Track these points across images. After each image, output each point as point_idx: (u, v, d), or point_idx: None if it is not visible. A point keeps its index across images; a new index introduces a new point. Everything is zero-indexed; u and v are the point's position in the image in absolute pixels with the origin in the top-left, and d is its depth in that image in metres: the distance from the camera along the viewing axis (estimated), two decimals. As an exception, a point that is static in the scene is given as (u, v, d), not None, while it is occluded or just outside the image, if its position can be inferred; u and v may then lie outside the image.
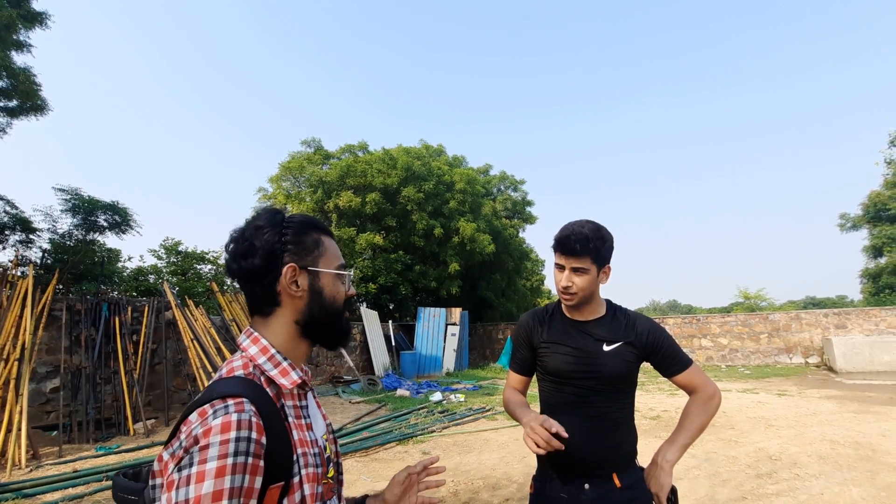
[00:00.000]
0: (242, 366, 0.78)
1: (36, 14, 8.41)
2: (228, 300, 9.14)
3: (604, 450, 1.34)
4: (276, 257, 0.81)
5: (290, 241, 0.83)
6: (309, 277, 0.84)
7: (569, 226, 1.38)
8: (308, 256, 0.84)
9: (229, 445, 0.64)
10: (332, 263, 0.87)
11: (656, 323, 1.44)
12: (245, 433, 0.66)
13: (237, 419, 0.66)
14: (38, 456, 4.98)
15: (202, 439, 0.64)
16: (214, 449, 0.63)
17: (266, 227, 0.82)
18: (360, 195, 16.43)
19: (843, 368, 11.26)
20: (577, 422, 1.35)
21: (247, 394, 0.71)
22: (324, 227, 0.90)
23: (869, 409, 6.87)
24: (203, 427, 0.66)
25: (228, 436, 0.65)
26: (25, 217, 8.38)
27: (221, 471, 0.62)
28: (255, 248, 0.80)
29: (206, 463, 0.63)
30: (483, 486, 4.06)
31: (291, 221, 0.85)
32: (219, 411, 0.67)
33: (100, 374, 6.45)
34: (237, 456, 0.64)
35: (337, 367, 12.54)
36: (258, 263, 0.80)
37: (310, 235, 0.85)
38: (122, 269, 11.35)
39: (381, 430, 6.16)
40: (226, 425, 0.65)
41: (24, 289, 6.02)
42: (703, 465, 4.44)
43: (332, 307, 0.86)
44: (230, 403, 0.68)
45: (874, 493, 3.60)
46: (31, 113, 8.69)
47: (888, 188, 18.57)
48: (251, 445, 0.66)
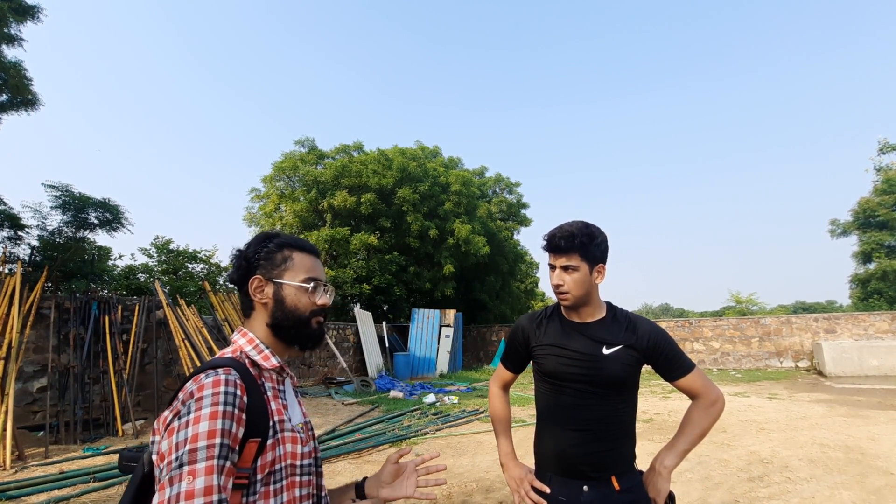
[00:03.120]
0: (232, 351, 0.94)
1: (28, 7, 8.30)
2: (221, 300, 9.05)
3: (602, 453, 1.33)
4: (250, 270, 0.99)
5: (262, 257, 0.99)
6: (274, 287, 0.98)
7: (558, 226, 1.39)
8: (274, 270, 0.99)
9: (220, 396, 0.77)
10: (298, 276, 0.99)
11: (658, 326, 1.42)
12: (232, 389, 0.79)
13: (225, 378, 0.80)
14: (23, 457, 4.89)
15: (197, 393, 0.78)
16: (208, 399, 0.77)
17: (251, 245, 1.01)
18: (354, 195, 16.38)
19: (832, 372, 11.37)
20: (576, 424, 1.35)
21: (233, 365, 0.85)
22: (303, 246, 1.03)
23: (858, 412, 6.94)
24: (196, 385, 0.79)
25: (219, 389, 0.78)
26: (14, 213, 8.24)
27: (214, 415, 0.75)
28: (239, 263, 1.00)
29: (202, 409, 0.76)
30: (477, 489, 4.04)
31: (271, 242, 1.01)
32: (209, 374, 0.81)
33: (88, 373, 6.35)
34: (226, 405, 0.77)
35: (330, 369, 12.46)
36: (237, 275, 1.00)
37: (281, 253, 1.00)
38: (112, 267, 11.21)
39: (373, 432, 6.11)
40: (216, 382, 0.79)
41: (12, 286, 5.92)
42: (695, 468, 4.45)
43: (293, 314, 0.98)
44: (219, 369, 0.83)
45: (864, 497, 3.62)
46: (22, 108, 8.56)
47: (877, 195, 18.81)
48: (237, 400, 0.79)
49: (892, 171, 19.02)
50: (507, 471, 1.48)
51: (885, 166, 19.58)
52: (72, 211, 8.40)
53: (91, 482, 4.09)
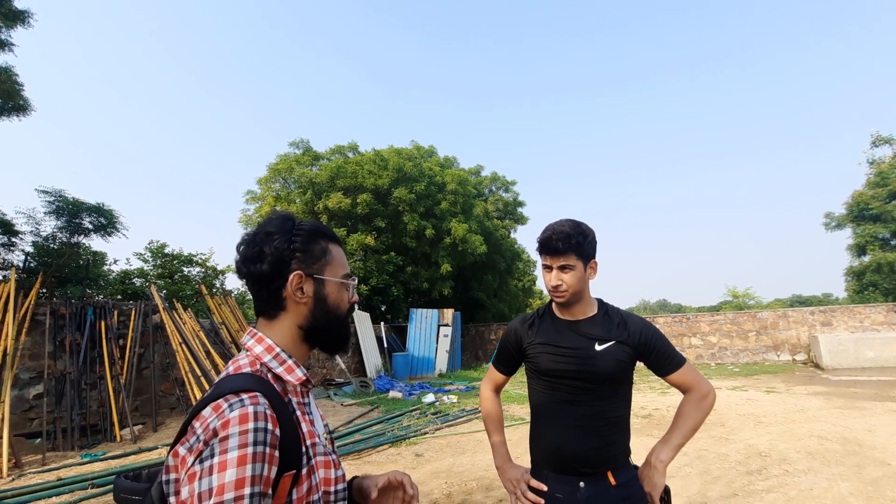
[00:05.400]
0: (249, 363, 0.80)
1: (18, 12, 8.23)
2: (218, 303, 9.01)
3: (598, 448, 1.34)
4: (283, 264, 0.83)
5: (298, 248, 0.84)
6: (315, 285, 0.86)
7: (549, 227, 1.40)
8: (315, 264, 0.86)
9: (248, 436, 0.66)
10: (338, 272, 0.89)
11: (649, 322, 1.44)
12: (262, 424, 0.68)
13: (254, 411, 0.68)
14: (20, 464, 4.86)
15: (221, 431, 0.66)
16: (234, 439, 0.65)
17: (276, 234, 0.84)
18: (350, 196, 16.34)
19: (829, 365, 11.44)
20: (571, 421, 1.36)
21: (258, 388, 0.73)
22: (332, 236, 0.92)
23: (854, 404, 6.98)
24: (220, 420, 0.67)
25: (247, 426, 0.66)
26: (7, 220, 8.19)
27: (243, 459, 0.64)
28: (265, 254, 0.83)
29: (228, 453, 0.64)
30: (477, 488, 4.04)
31: (301, 229, 0.87)
32: (234, 404, 0.68)
33: (85, 379, 6.32)
34: (256, 445, 0.66)
35: (329, 370, 12.44)
36: (266, 269, 0.82)
37: (318, 244, 0.87)
38: (107, 272, 11.15)
39: (373, 433, 6.11)
40: (244, 417, 0.67)
41: (6, 293, 5.88)
42: (694, 462, 4.47)
43: (335, 314, 0.88)
44: (244, 397, 0.70)
45: (861, 488, 3.65)
46: (13, 113, 8.50)
47: (870, 188, 18.92)
48: (268, 436, 0.68)
49: (885, 164, 19.14)
50: (503, 473, 1.49)
51: (877, 159, 19.71)
52: (65, 216, 8.35)
53: (89, 488, 4.07)
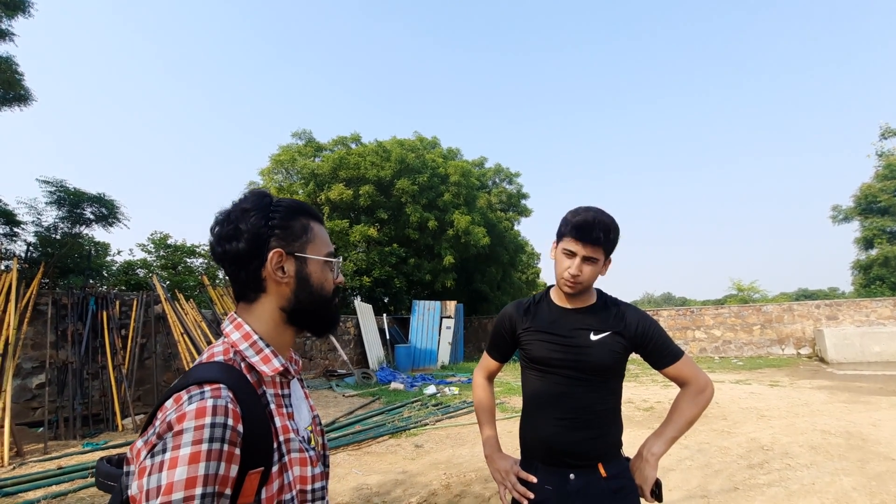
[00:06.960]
0: (223, 351, 0.76)
1: (17, 2, 8.17)
2: (220, 294, 9.02)
3: (588, 440, 1.31)
4: (262, 242, 0.78)
5: (277, 225, 0.79)
6: (296, 264, 0.81)
7: (587, 212, 1.31)
8: (296, 242, 0.81)
9: (204, 431, 0.61)
10: (321, 250, 0.84)
11: (647, 314, 1.40)
12: (221, 419, 0.63)
13: (213, 405, 0.64)
14: (22, 453, 4.90)
15: (176, 425, 0.62)
16: (188, 435, 0.61)
17: (252, 210, 0.79)
18: (352, 188, 16.29)
19: (834, 359, 11.35)
20: (562, 411, 1.33)
21: (224, 379, 0.68)
22: (313, 213, 0.87)
23: (859, 398, 6.91)
24: (177, 413, 0.63)
25: (203, 421, 0.62)
26: (9, 210, 8.20)
27: (195, 457, 0.60)
28: (241, 232, 0.77)
29: (180, 449, 0.60)
30: (475, 479, 4.03)
31: (279, 205, 0.82)
32: (194, 397, 0.64)
33: (87, 369, 6.34)
34: (212, 442, 0.62)
35: (331, 361, 12.49)
36: (243, 248, 0.77)
37: (298, 220, 0.82)
38: (110, 263, 11.20)
39: (373, 424, 6.11)
40: (200, 411, 0.63)
41: (8, 283, 5.89)
42: (695, 455, 4.43)
43: (319, 295, 0.83)
44: (206, 389, 0.66)
45: (864, 482, 3.60)
46: (14, 103, 8.47)
47: (879, 180, 18.68)
48: (227, 432, 0.63)
49: (894, 156, 18.84)
50: (493, 463, 1.45)
51: (886, 151, 19.42)
52: (67, 206, 8.37)
53: (89, 477, 4.08)
